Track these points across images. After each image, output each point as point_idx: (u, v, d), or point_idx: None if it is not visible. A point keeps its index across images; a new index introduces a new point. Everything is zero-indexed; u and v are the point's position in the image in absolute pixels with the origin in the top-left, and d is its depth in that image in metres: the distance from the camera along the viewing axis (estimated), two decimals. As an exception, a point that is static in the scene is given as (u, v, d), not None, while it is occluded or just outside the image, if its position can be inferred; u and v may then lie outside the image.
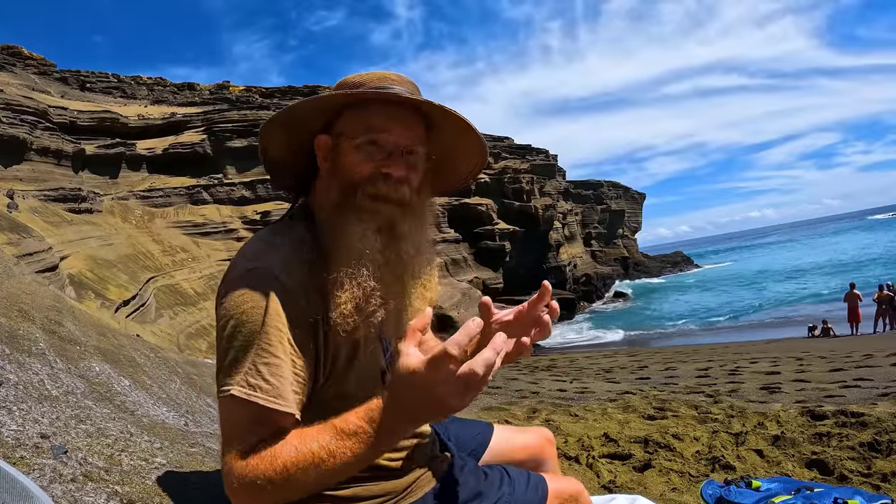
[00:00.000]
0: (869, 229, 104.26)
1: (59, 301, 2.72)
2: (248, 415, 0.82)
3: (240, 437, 0.83)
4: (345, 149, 0.93)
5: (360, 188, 0.91)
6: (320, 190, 0.98)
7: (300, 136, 0.98)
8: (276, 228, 0.97)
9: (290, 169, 1.04)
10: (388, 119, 0.92)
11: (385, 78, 0.96)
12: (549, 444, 1.38)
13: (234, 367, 0.83)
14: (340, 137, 0.94)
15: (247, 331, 0.84)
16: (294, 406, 0.85)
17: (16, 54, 43.61)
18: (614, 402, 4.41)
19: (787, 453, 2.68)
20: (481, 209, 37.65)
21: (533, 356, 16.94)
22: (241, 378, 0.82)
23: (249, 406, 0.82)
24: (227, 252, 26.67)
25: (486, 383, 0.73)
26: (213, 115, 35.05)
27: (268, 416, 0.83)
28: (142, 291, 18.67)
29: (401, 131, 0.92)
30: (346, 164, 0.92)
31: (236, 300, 0.85)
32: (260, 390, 0.82)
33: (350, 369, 0.94)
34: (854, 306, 15.05)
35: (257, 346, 0.83)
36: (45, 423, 1.26)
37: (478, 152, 1.05)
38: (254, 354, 0.83)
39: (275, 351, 0.83)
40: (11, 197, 19.60)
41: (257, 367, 0.83)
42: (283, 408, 0.83)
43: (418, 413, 0.77)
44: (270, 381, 0.83)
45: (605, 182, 61.72)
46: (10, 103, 24.09)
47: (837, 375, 5.39)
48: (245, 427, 0.83)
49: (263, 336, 0.83)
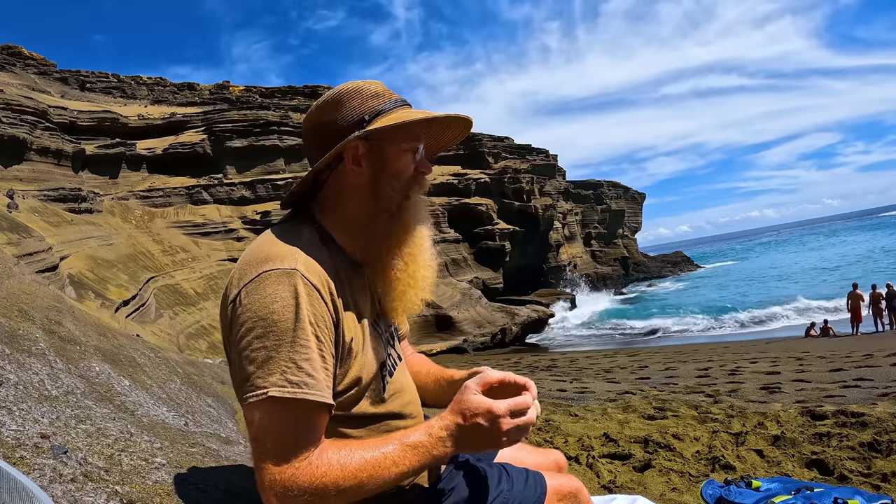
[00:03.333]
0: (875, 228, 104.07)
1: (59, 301, 2.72)
2: (291, 415, 0.82)
3: (286, 442, 0.82)
4: (394, 153, 1.01)
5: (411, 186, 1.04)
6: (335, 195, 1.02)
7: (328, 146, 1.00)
8: (287, 230, 0.98)
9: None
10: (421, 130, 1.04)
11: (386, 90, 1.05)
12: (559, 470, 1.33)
13: (268, 367, 0.82)
14: (384, 143, 1.00)
15: (280, 329, 0.83)
16: (331, 399, 0.87)
17: (16, 54, 43.60)
18: (614, 402, 4.41)
19: (787, 453, 2.68)
20: (481, 209, 37.63)
21: (533, 356, 16.95)
22: (279, 378, 0.81)
23: (293, 405, 0.82)
24: (226, 252, 26.66)
25: (530, 422, 0.91)
26: (213, 115, 35.02)
27: (315, 414, 0.84)
28: (142, 291, 18.66)
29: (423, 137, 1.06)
30: (398, 166, 1.01)
31: (265, 299, 0.85)
32: (306, 386, 0.82)
33: (358, 361, 0.96)
34: (856, 306, 15.07)
35: (294, 343, 0.83)
36: (45, 423, 1.27)
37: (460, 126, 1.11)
38: (291, 352, 0.83)
39: (312, 346, 0.85)
40: (11, 197, 19.60)
41: (298, 363, 0.83)
42: (327, 399, 0.85)
43: (471, 438, 0.88)
44: (314, 376, 0.84)
45: (605, 182, 61.69)
46: (10, 103, 24.07)
47: (837, 375, 5.39)
48: (289, 429, 0.82)
49: (299, 333, 0.84)
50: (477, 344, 24.46)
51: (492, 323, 26.76)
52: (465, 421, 0.88)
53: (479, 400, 0.89)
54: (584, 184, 59.69)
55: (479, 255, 36.59)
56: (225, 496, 1.22)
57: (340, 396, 0.94)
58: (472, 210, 37.38)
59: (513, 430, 0.88)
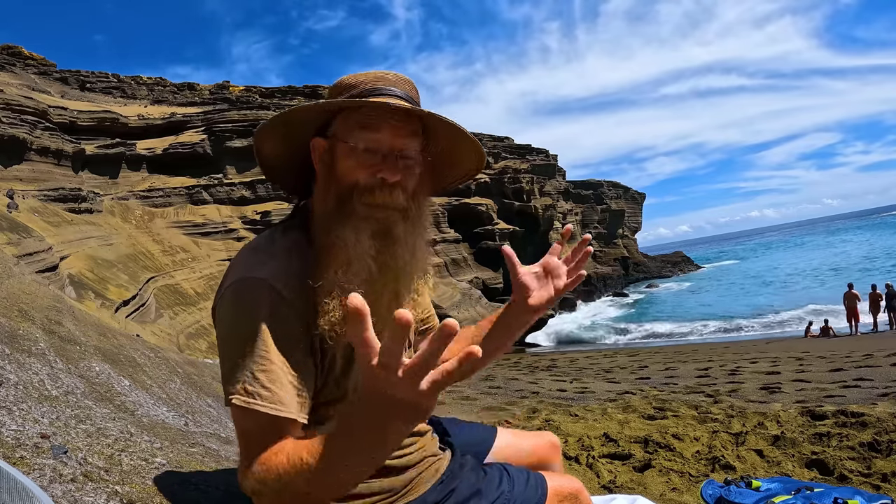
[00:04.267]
0: (875, 228, 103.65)
1: (59, 301, 2.72)
2: (252, 423, 0.83)
3: (248, 447, 0.84)
4: (340, 152, 0.91)
5: (356, 194, 0.90)
6: (316, 195, 0.98)
7: (296, 138, 0.97)
8: (270, 236, 0.96)
9: (286, 171, 1.04)
10: (381, 122, 0.90)
11: (381, 78, 0.95)
12: (554, 451, 1.37)
13: (233, 375, 0.84)
14: (336, 140, 0.93)
15: (243, 339, 0.84)
16: (296, 411, 0.84)
17: (16, 54, 43.59)
18: (614, 402, 4.41)
19: (787, 453, 2.67)
20: (481, 209, 37.64)
21: (533, 356, 16.91)
22: (241, 386, 0.82)
23: (251, 414, 0.82)
24: (226, 252, 26.65)
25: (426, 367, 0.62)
26: (213, 115, 35.02)
27: (271, 424, 0.83)
28: (142, 291, 18.66)
29: (394, 134, 0.90)
30: (342, 168, 0.91)
31: (231, 309, 0.86)
32: (259, 397, 0.82)
33: (347, 374, 0.94)
34: (853, 306, 15.09)
35: (253, 354, 0.83)
36: (45, 423, 1.26)
37: (474, 156, 1.04)
38: (251, 363, 0.83)
39: (272, 358, 0.83)
40: (11, 197, 19.60)
41: (255, 374, 0.83)
42: (283, 413, 0.83)
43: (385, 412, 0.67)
44: (270, 388, 0.82)
45: (605, 182, 61.69)
46: (10, 103, 24.07)
47: (837, 375, 5.39)
48: (253, 436, 0.83)
49: (259, 344, 0.83)
50: (477, 344, 24.44)
51: (492, 323, 26.72)
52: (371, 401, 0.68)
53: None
54: (584, 184, 59.69)
55: (479, 255, 36.60)
56: (225, 496, 1.22)
57: (332, 406, 0.93)
58: (472, 210, 37.39)
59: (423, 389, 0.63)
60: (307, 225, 0.97)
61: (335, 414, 0.93)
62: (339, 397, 0.94)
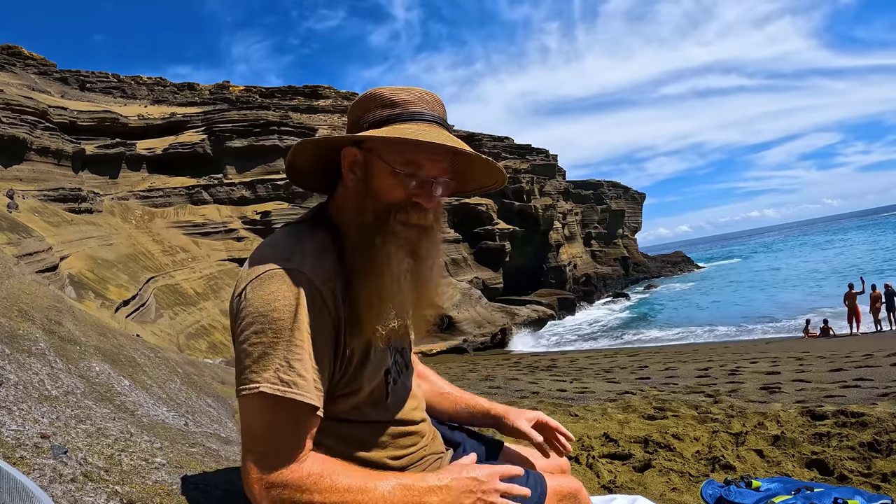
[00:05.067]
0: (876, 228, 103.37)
1: (59, 301, 2.72)
2: (280, 414, 0.83)
3: (271, 440, 0.83)
4: (379, 170, 0.94)
5: (392, 212, 0.93)
6: (343, 198, 0.99)
7: (329, 148, 1.00)
8: (299, 231, 0.97)
9: (311, 173, 1.06)
10: (427, 156, 0.93)
11: (421, 100, 0.98)
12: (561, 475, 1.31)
13: (263, 362, 0.83)
14: (372, 155, 0.95)
15: (278, 327, 0.83)
16: (320, 403, 0.86)
17: (16, 54, 43.61)
18: (614, 402, 4.42)
19: (787, 453, 2.68)
20: (481, 209, 37.65)
21: (533, 356, 16.96)
22: (272, 374, 0.82)
23: (282, 403, 0.82)
24: (226, 252, 26.67)
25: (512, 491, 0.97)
26: (213, 115, 35.03)
27: (304, 415, 0.84)
28: (142, 291, 18.67)
29: (434, 165, 0.95)
30: (382, 186, 0.94)
31: (268, 296, 0.85)
32: (296, 386, 0.82)
33: (362, 369, 0.96)
34: (853, 306, 15.11)
35: (289, 342, 0.83)
36: (45, 423, 1.26)
37: (496, 178, 1.09)
38: (285, 350, 0.83)
39: (306, 348, 0.84)
40: (11, 197, 19.61)
41: (290, 363, 0.83)
42: (315, 402, 0.84)
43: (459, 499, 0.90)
44: (304, 377, 0.83)
45: (605, 182, 61.71)
46: (10, 103, 24.09)
47: (837, 375, 5.39)
48: (284, 427, 0.83)
49: (296, 332, 0.84)
50: (477, 344, 24.47)
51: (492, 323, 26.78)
52: (455, 484, 0.91)
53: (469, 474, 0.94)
54: (584, 184, 59.71)
55: (479, 255, 36.61)
56: (225, 496, 1.22)
57: (342, 401, 0.95)
58: (472, 210, 37.40)
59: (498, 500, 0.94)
60: (332, 227, 0.98)
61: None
62: (351, 392, 0.96)
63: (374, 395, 0.99)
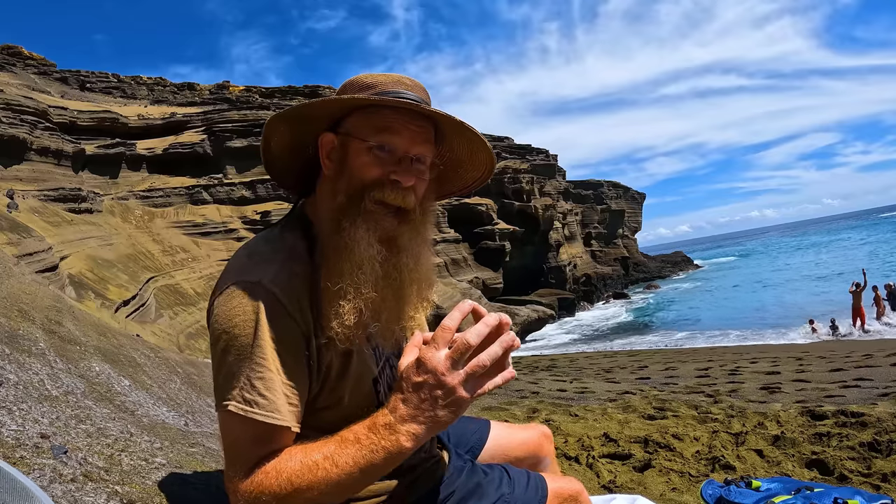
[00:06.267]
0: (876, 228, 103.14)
1: (59, 301, 2.72)
2: (246, 432, 0.82)
3: (241, 456, 0.83)
4: (354, 150, 0.90)
5: (367, 191, 0.89)
6: (322, 193, 0.96)
7: (305, 134, 0.96)
8: (267, 238, 0.94)
9: (289, 167, 1.03)
10: (401, 126, 0.89)
11: (399, 82, 0.94)
12: (547, 441, 1.39)
13: (229, 381, 0.82)
14: (349, 138, 0.91)
15: (239, 345, 0.82)
16: (291, 419, 0.84)
17: (16, 54, 43.61)
18: (614, 402, 4.42)
19: (787, 453, 2.67)
20: (481, 209, 37.66)
21: (533, 356, 16.95)
22: (237, 393, 0.81)
23: (247, 422, 0.81)
24: (226, 252, 26.64)
25: (484, 362, 0.77)
26: (213, 115, 35.04)
27: (267, 432, 0.83)
28: (142, 291, 18.67)
29: (412, 139, 0.90)
30: (355, 165, 0.90)
31: (227, 313, 0.84)
32: (256, 405, 0.81)
33: (343, 380, 0.92)
34: (857, 305, 15.13)
35: (250, 360, 0.82)
36: (45, 423, 1.26)
37: (485, 164, 1.04)
38: (248, 369, 0.82)
39: (268, 365, 0.82)
40: (11, 197, 19.60)
41: (252, 381, 0.82)
42: (279, 422, 0.82)
43: (421, 409, 0.76)
44: (266, 396, 0.82)
45: (605, 182, 61.71)
46: (10, 103, 24.08)
47: (837, 375, 5.38)
48: (245, 445, 0.82)
49: (256, 350, 0.82)
50: (477, 344, 24.40)
51: (492, 323, 26.68)
52: (404, 392, 0.78)
53: (409, 360, 0.80)
54: (584, 184, 59.72)
55: (479, 255, 36.61)
56: (225, 496, 1.22)
57: (326, 413, 0.92)
58: (472, 210, 37.41)
59: (468, 382, 0.76)
60: (306, 226, 0.95)
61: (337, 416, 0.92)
62: (333, 403, 0.92)
63: (362, 406, 0.93)
